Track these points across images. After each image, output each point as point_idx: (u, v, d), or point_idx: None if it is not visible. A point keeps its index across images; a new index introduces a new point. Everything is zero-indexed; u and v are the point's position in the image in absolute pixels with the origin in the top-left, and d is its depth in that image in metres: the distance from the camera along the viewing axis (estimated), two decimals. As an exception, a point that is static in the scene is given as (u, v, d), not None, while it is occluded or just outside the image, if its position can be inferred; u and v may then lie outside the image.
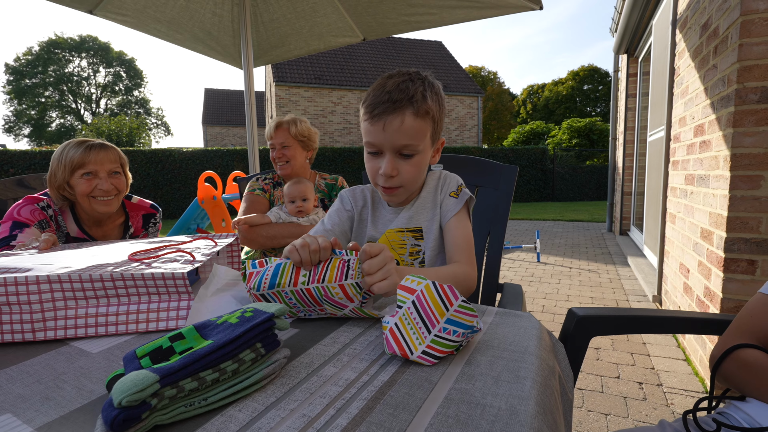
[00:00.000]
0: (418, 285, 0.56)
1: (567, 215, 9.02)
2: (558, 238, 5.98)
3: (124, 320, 0.64)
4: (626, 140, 5.37)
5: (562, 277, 3.72)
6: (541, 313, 2.77)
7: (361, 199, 1.03)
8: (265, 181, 1.84)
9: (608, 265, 4.14)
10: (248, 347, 0.48)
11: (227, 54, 2.95)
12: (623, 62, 5.52)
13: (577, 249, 5.11)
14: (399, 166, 0.85)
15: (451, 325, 0.53)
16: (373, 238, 0.99)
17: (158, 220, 1.58)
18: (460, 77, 19.24)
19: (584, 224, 7.58)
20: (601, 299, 3.04)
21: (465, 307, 0.54)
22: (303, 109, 16.06)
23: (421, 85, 0.83)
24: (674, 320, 0.80)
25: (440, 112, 0.86)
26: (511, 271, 4.01)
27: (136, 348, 0.48)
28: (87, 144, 1.31)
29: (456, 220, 0.89)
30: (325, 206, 1.84)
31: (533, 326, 0.63)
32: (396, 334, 0.54)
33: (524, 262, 4.44)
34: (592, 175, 13.93)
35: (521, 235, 6.51)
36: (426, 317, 0.54)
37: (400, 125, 0.81)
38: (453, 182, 0.94)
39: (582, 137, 17.89)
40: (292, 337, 0.61)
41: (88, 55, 34.72)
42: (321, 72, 16.86)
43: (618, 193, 5.73)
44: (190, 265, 0.69)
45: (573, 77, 37.18)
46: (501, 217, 1.21)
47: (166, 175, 10.36)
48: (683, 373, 1.89)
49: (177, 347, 0.48)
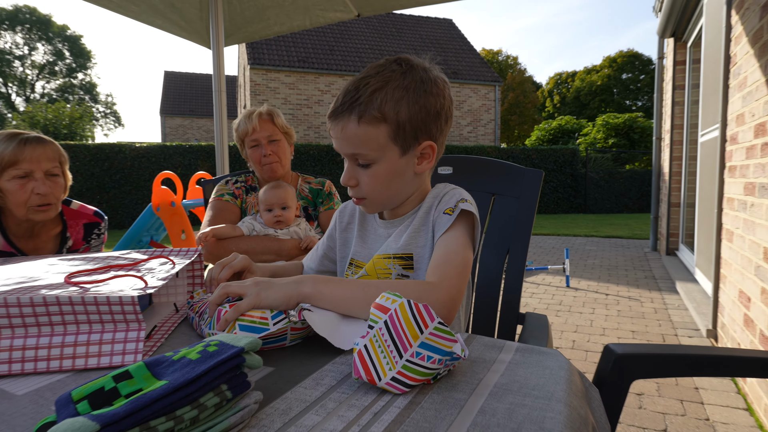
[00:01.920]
0: (393, 303, 0.58)
1: (602, 230, 9.06)
2: (592, 258, 6.00)
3: (57, 354, 0.63)
4: (673, 140, 5.43)
5: (596, 306, 3.72)
6: (571, 349, 2.76)
7: (348, 215, 1.08)
8: (236, 185, 1.84)
9: (652, 292, 4.15)
10: (211, 390, 0.48)
11: (192, 30, 2.98)
12: (669, 47, 5.62)
13: (615, 272, 5.12)
14: (358, 176, 0.90)
15: (425, 349, 0.55)
16: (359, 258, 1.01)
17: (103, 231, 1.57)
18: (474, 62, 19.48)
19: (623, 241, 7.62)
20: (644, 333, 3.04)
21: (441, 330, 0.56)
22: (283, 97, 16.17)
23: (381, 81, 0.84)
24: (733, 360, 0.80)
25: (417, 112, 0.85)
26: (535, 298, 4.00)
27: (72, 390, 0.48)
28: (20, 138, 1.30)
29: (445, 237, 0.87)
30: (308, 215, 1.84)
31: (561, 366, 0.63)
32: (364, 358, 0.56)
33: (550, 287, 4.44)
34: (633, 182, 14.05)
35: (547, 254, 6.52)
36: (398, 340, 0.56)
37: (341, 132, 0.86)
38: (452, 198, 0.92)
39: (620, 136, 18.08)
40: (265, 377, 0.60)
41: (23, 29, 34.92)
42: (306, 54, 17.02)
43: (664, 204, 5.77)
44: (141, 291, 0.68)
45: (609, 64, 37.74)
46: (522, 232, 1.22)
47: (114, 176, 10.35)
48: (744, 426, 1.89)
49: (123, 389, 0.47)
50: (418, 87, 0.86)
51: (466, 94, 18.40)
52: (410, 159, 0.90)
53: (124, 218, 10.42)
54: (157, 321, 0.82)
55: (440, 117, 0.89)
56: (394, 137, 0.86)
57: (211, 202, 1.79)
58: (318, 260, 1.12)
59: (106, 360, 0.63)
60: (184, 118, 29.40)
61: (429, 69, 0.89)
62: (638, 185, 14.02)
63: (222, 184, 1.84)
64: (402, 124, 0.85)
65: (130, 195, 10.49)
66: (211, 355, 0.50)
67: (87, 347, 0.64)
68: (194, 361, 0.49)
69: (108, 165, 10.30)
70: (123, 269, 0.85)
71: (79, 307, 0.64)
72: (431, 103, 0.87)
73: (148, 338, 0.73)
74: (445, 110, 0.90)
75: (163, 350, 0.70)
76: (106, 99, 39.65)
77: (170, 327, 0.80)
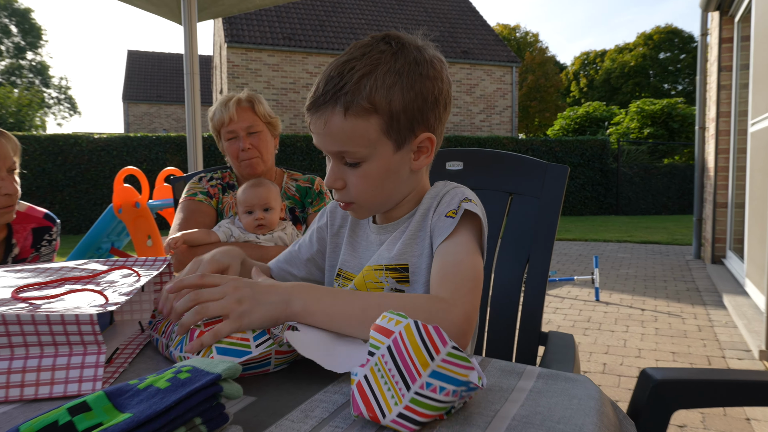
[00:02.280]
0: (397, 325, 0.57)
1: (637, 235, 9.07)
2: (625, 268, 6.00)
3: (3, 382, 0.63)
4: (719, 130, 5.45)
5: (630, 323, 3.72)
6: (601, 374, 2.76)
7: (340, 217, 1.07)
8: (211, 182, 1.84)
9: (696, 307, 4.15)
10: (183, 424, 0.48)
11: (160, 3, 2.98)
12: (714, 23, 5.64)
13: (652, 283, 5.13)
14: (345, 177, 0.89)
15: (437, 379, 0.54)
16: (348, 269, 1.01)
17: (55, 237, 1.57)
18: (488, 40, 19.54)
19: (661, 248, 7.62)
20: (687, 355, 3.04)
21: (456, 356, 0.55)
22: (266, 80, 16.20)
23: (369, 65, 0.83)
24: (790, 387, 0.80)
25: (412, 99, 0.85)
26: (559, 314, 4.00)
27: (20, 424, 0.47)
28: None
29: (449, 243, 0.86)
30: (295, 218, 1.84)
31: (591, 395, 0.63)
32: (365, 390, 0.55)
33: (577, 300, 4.45)
34: (672, 178, 14.08)
35: (573, 262, 6.53)
36: (405, 368, 0.54)
37: (324, 127, 0.85)
38: (453, 199, 0.91)
39: (657, 125, 18.13)
40: (246, 408, 0.60)
41: (-38, 2, 34.98)
42: (292, 30, 17.06)
43: (709, 204, 5.79)
44: (101, 308, 0.68)
45: (644, 42, 37.85)
46: (545, 238, 1.22)
47: (69, 172, 10.36)
48: (804, 463, 1.88)
49: (79, 423, 0.47)
50: (412, 70, 0.85)
51: (479, 77, 18.44)
52: (406, 154, 0.89)
53: (80, 222, 10.41)
54: (119, 343, 0.82)
55: (438, 103, 0.89)
56: (387, 130, 0.85)
57: (181, 203, 1.79)
58: (303, 267, 1.10)
59: (59, 389, 0.63)
60: (150, 104, 29.41)
61: (423, 48, 0.88)
62: (678, 182, 14.05)
63: (194, 182, 1.84)
64: (396, 114, 0.84)
65: (88, 194, 10.49)
66: (183, 383, 0.50)
67: (38, 374, 0.64)
68: (163, 390, 0.49)
69: (61, 159, 10.30)
70: (79, 282, 0.85)
71: (29, 327, 0.64)
72: (428, 88, 0.86)
73: (109, 363, 0.73)
74: (443, 95, 0.89)
75: (127, 377, 0.70)
76: (59, 83, 39.67)
77: (135, 350, 0.79)
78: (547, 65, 36.47)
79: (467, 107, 18.29)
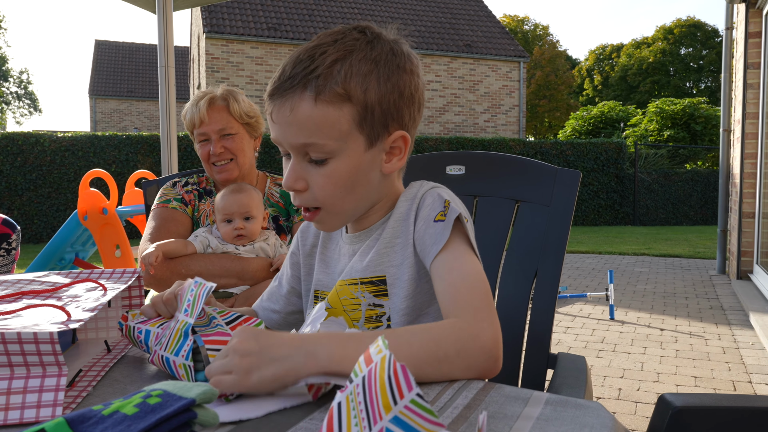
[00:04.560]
0: (378, 354, 0.56)
1: (656, 247, 9.10)
2: (642, 283, 6.02)
3: (-48, 408, 0.62)
4: (746, 133, 5.49)
5: (648, 345, 3.73)
6: (616, 400, 2.76)
7: (312, 235, 1.07)
8: (186, 188, 1.83)
9: (720, 326, 4.16)
10: (152, 454, 0.47)
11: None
12: (740, 15, 5.70)
13: (672, 300, 5.14)
14: (308, 176, 0.87)
15: (398, 427, 0.51)
16: (323, 287, 1.00)
17: (14, 246, 1.56)
18: (493, 32, 19.69)
19: (683, 261, 7.65)
20: (710, 380, 3.04)
21: (421, 407, 0.51)
22: (249, 75, 16.24)
23: (342, 50, 0.83)
24: (823, 416, 0.81)
25: (388, 91, 0.85)
26: (570, 334, 4.00)
27: (-29, 454, 0.47)
28: None
29: (447, 257, 0.85)
30: (279, 227, 1.84)
31: (604, 424, 0.63)
32: (333, 419, 0.54)
33: (590, 319, 4.45)
34: (695, 185, 14.17)
35: (585, 277, 6.53)
36: (370, 405, 0.53)
37: (290, 115, 0.82)
38: (436, 201, 0.90)
39: (678, 127, 18.27)
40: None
41: None
42: (278, 20, 17.13)
43: (734, 214, 5.82)
44: (62, 325, 0.68)
45: (664, 36, 38.24)
46: (554, 250, 1.22)
47: (30, 174, 10.31)
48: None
49: (37, 454, 0.47)
50: (389, 60, 0.86)
51: (483, 73, 18.56)
52: (377, 154, 0.89)
53: (41, 229, 10.35)
54: (82, 364, 0.81)
55: (414, 101, 0.90)
56: (360, 123, 0.85)
57: (153, 210, 1.79)
58: (284, 301, 1.09)
59: (15, 415, 0.62)
60: (120, 100, 29.37)
61: (398, 41, 0.90)
62: (701, 190, 14.13)
63: (168, 187, 1.83)
64: (370, 105, 0.84)
65: (50, 199, 10.44)
66: (153, 409, 0.50)
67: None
68: (130, 417, 0.49)
69: (21, 160, 10.26)
70: (39, 297, 0.85)
71: (-18, 346, 0.63)
72: (405, 82, 0.87)
73: (71, 386, 0.73)
74: (419, 93, 0.91)
75: (91, 402, 0.69)
76: (19, 76, 39.51)
77: (100, 371, 0.79)
78: (558, 61, 36.77)
79: (470, 106, 18.37)
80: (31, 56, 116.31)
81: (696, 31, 37.93)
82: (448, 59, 18.11)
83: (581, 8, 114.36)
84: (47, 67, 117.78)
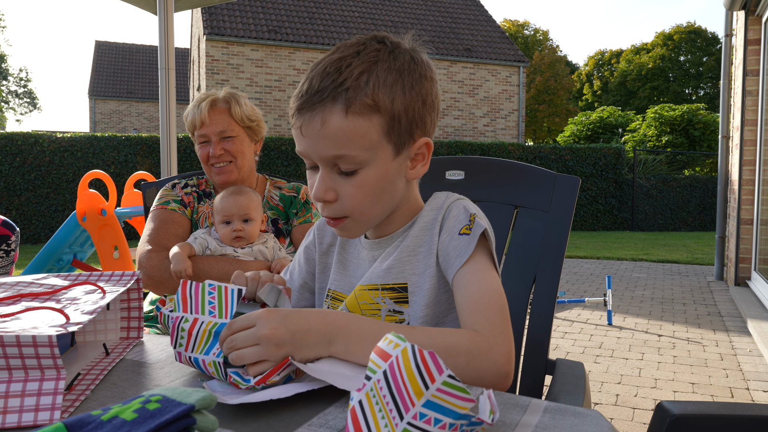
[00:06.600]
0: (395, 348, 0.58)
1: (654, 253, 9.11)
2: (641, 289, 6.02)
3: (-50, 411, 0.62)
4: (744, 140, 5.50)
5: (646, 351, 3.73)
6: (613, 406, 2.76)
7: (330, 235, 1.07)
8: (186, 189, 1.84)
9: (718, 333, 4.17)
10: (151, 460, 0.47)
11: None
12: (739, 22, 5.72)
13: (670, 306, 5.14)
14: (338, 187, 0.87)
15: (432, 410, 0.54)
16: (338, 289, 1.01)
17: (13, 247, 1.56)
18: (493, 37, 19.73)
19: (681, 267, 7.66)
20: (707, 386, 3.05)
21: (453, 386, 0.55)
22: (249, 77, 16.25)
23: (366, 62, 0.84)
24: (820, 424, 0.81)
25: (413, 100, 0.87)
26: (568, 340, 4.00)
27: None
28: None
29: (469, 270, 0.88)
30: (278, 230, 1.84)
31: (602, 431, 0.63)
32: (358, 417, 0.55)
33: (588, 324, 4.45)
34: (693, 191, 14.19)
35: (584, 282, 6.54)
36: (399, 396, 0.55)
37: (321, 128, 0.83)
38: (462, 214, 0.92)
39: (677, 133, 18.32)
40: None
41: None
42: (278, 23, 17.15)
43: (732, 220, 5.83)
44: (61, 328, 0.68)
45: (664, 42, 38.34)
46: (553, 255, 1.22)
47: (28, 174, 10.30)
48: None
49: (35, 458, 0.47)
50: (411, 69, 0.87)
51: (482, 77, 18.59)
52: (403, 161, 0.91)
53: (39, 230, 10.34)
54: (81, 367, 0.81)
55: (434, 107, 0.92)
56: (389, 132, 0.86)
57: (152, 212, 1.79)
58: (295, 296, 1.10)
59: (13, 418, 0.62)
60: (119, 101, 29.37)
61: (416, 49, 0.91)
62: (700, 196, 14.15)
63: (167, 189, 1.83)
64: (398, 115, 0.86)
65: (48, 200, 10.43)
66: (152, 415, 0.50)
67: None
68: (129, 423, 0.49)
69: (20, 160, 10.25)
70: (37, 299, 0.85)
71: (-20, 349, 0.63)
72: (427, 90, 0.89)
73: (69, 390, 0.73)
74: (438, 99, 0.93)
75: (89, 407, 0.69)
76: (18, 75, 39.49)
77: (98, 375, 0.79)
78: (558, 66, 36.81)
79: (469, 110, 18.39)
80: (31, 56, 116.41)
81: (695, 38, 38.02)
82: (448, 63, 18.14)
83: (581, 14, 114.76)
84: (47, 67, 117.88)
